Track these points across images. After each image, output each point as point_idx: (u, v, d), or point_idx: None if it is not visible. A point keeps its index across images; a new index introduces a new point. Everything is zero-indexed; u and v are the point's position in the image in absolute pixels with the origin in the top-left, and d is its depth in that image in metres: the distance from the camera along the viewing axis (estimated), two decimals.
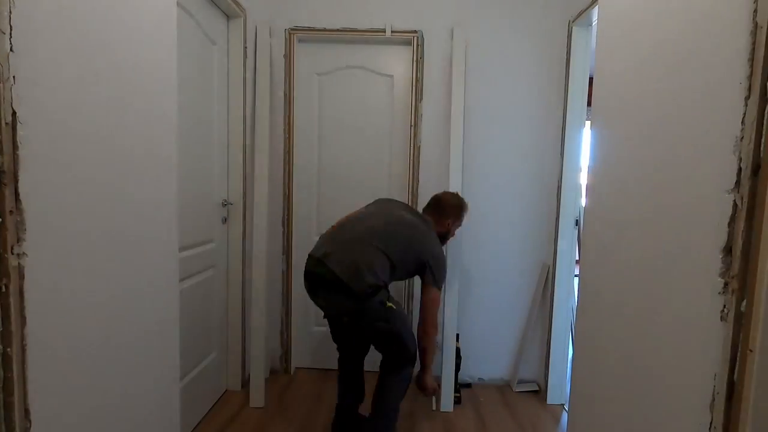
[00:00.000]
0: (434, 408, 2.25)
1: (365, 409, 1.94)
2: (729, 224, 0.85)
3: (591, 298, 1.51)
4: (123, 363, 1.21)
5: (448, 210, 2.01)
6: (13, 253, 0.84)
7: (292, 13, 2.43)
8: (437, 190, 2.46)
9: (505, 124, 2.44)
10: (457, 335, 2.41)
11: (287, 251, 2.53)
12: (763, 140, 0.79)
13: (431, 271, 1.80)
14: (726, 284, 0.86)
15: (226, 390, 2.31)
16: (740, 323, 0.83)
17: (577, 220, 2.30)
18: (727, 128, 0.86)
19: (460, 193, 2.16)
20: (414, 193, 2.48)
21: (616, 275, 1.33)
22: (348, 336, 1.91)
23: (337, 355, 1.99)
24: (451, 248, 2.46)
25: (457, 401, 2.30)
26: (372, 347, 1.86)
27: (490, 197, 2.47)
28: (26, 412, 0.89)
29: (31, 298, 0.88)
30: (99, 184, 1.09)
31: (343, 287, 1.61)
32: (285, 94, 2.46)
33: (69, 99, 0.98)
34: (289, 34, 2.44)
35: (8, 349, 0.84)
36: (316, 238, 2.57)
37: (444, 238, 2.03)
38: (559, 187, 2.29)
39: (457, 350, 2.36)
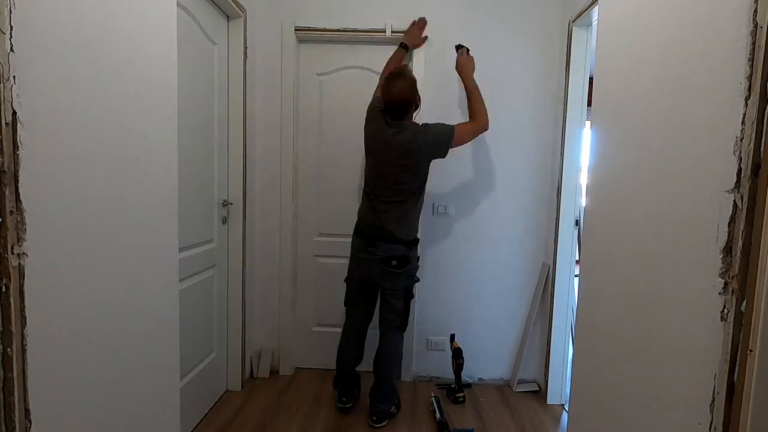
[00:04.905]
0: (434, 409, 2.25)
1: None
2: (729, 224, 0.85)
3: (591, 298, 1.51)
4: (123, 363, 1.21)
5: (410, 101, 2.01)
6: (13, 253, 0.84)
7: (292, 14, 2.43)
8: (437, 190, 2.48)
9: (505, 123, 2.44)
10: (453, 335, 2.42)
11: None
12: (763, 140, 0.79)
13: (446, 140, 2.00)
14: (726, 284, 0.86)
15: (226, 390, 2.31)
16: (740, 323, 0.83)
17: (577, 220, 2.30)
18: (727, 128, 0.86)
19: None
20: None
21: (616, 275, 1.33)
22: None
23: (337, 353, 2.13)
24: (451, 247, 2.46)
25: (462, 401, 2.31)
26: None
27: (490, 197, 2.47)
28: (26, 412, 0.89)
29: (31, 298, 0.88)
30: (99, 184, 1.09)
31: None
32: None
33: (69, 99, 0.98)
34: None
35: (8, 349, 0.84)
36: (317, 238, 2.61)
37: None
38: (559, 187, 2.29)
39: (460, 350, 2.36)
